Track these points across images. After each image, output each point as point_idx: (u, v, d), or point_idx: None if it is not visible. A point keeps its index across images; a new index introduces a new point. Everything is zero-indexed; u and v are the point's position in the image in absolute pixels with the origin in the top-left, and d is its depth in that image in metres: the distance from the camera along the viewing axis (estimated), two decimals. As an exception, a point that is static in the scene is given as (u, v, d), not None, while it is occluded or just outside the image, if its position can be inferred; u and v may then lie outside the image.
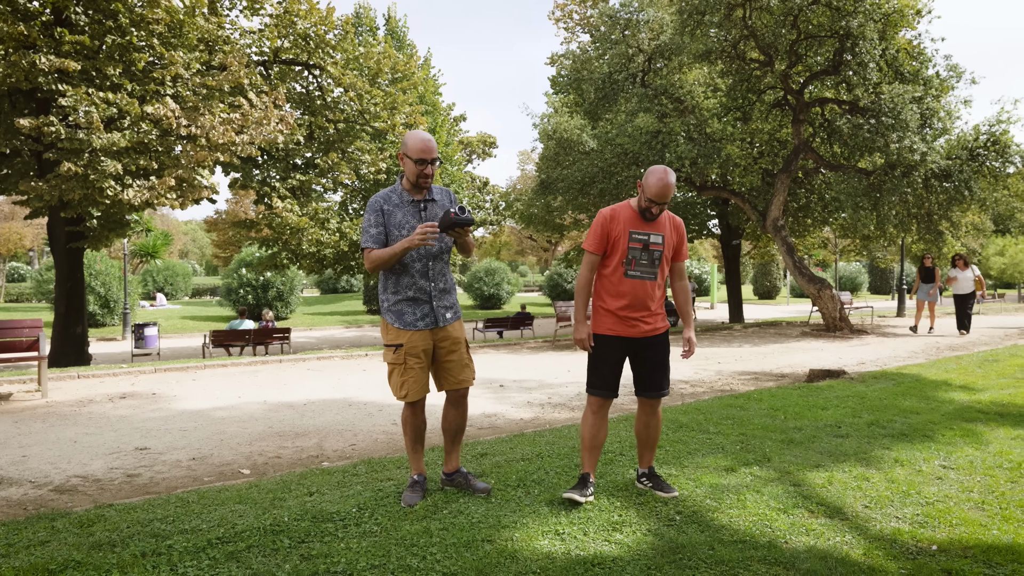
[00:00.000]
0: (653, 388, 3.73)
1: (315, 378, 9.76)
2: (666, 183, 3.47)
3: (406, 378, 3.56)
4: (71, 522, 3.48)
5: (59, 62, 10.28)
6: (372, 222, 3.55)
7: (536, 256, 66.44)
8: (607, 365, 3.67)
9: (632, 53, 17.63)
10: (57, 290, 13.28)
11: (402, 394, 3.59)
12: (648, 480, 3.83)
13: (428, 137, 3.55)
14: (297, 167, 16.74)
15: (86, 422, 6.70)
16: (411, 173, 3.55)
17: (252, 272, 25.22)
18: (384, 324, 3.66)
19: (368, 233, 3.54)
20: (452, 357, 3.69)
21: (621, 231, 3.62)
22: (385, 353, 3.67)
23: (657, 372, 3.73)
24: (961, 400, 6.39)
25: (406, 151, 3.55)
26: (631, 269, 3.62)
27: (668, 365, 3.78)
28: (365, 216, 3.59)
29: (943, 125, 14.46)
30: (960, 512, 3.44)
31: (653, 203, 3.53)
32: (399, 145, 19.66)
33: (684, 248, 3.77)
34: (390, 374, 3.65)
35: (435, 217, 3.60)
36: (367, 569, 2.81)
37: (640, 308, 3.65)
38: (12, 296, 42.23)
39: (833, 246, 35.83)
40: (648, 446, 3.86)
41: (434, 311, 3.61)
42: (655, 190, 3.49)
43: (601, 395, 3.71)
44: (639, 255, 3.62)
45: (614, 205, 3.73)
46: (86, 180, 10.71)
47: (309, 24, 14.69)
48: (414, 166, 3.52)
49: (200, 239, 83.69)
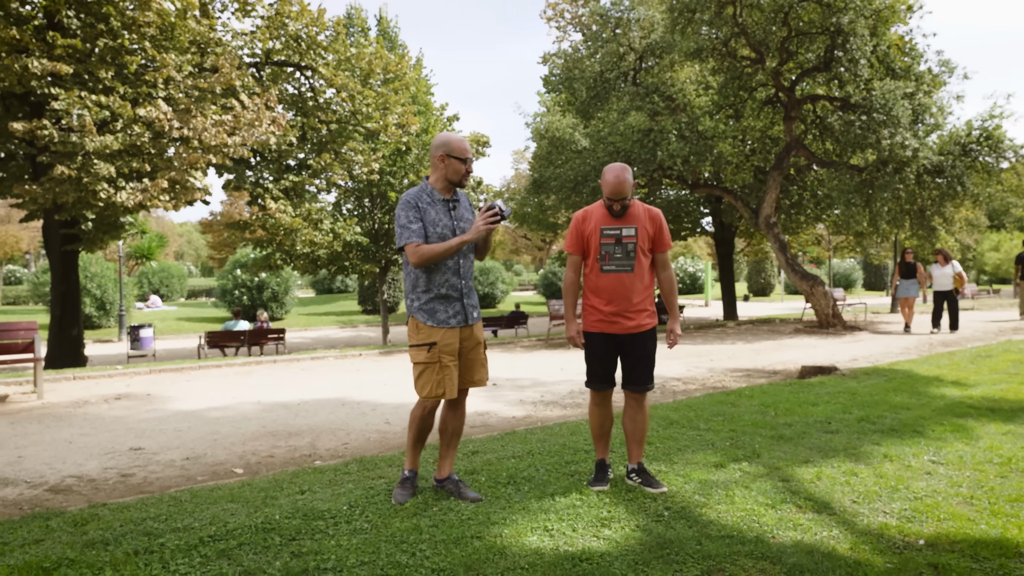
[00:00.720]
0: (636, 383, 3.82)
1: (309, 378, 9.77)
2: (619, 180, 3.61)
3: (442, 376, 3.55)
4: (65, 521, 3.49)
5: (52, 66, 10.26)
6: (412, 217, 3.54)
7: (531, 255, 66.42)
8: (596, 360, 3.83)
9: (623, 51, 17.66)
10: (53, 292, 13.26)
11: (438, 392, 3.55)
12: (637, 476, 3.88)
13: (463, 138, 3.71)
14: (290, 168, 16.73)
15: (81, 423, 6.70)
16: (455, 173, 3.61)
17: (247, 273, 25.19)
18: (414, 324, 3.62)
19: (409, 229, 3.52)
20: (472, 356, 3.72)
21: (593, 229, 3.77)
22: (415, 353, 3.60)
23: (639, 367, 3.80)
24: (952, 396, 6.44)
25: (449, 151, 3.59)
26: (606, 264, 3.75)
27: (652, 360, 3.84)
28: (401, 213, 3.55)
29: (935, 121, 14.52)
30: (948, 507, 3.47)
31: (612, 200, 3.68)
32: (391, 145, 19.71)
33: (664, 238, 3.80)
34: (420, 374, 3.59)
35: (463, 219, 3.69)
36: (357, 566, 2.83)
37: (621, 303, 3.73)
38: (9, 299, 42.12)
39: (827, 243, 35.95)
40: (636, 441, 3.92)
41: (464, 309, 3.66)
42: (610, 188, 3.65)
43: (596, 388, 3.89)
44: (612, 249, 3.74)
45: (587, 206, 3.88)
46: (79, 183, 10.71)
47: (301, 25, 14.68)
48: (460, 165, 3.61)
49: (195, 241, 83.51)
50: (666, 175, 18.15)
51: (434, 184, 3.66)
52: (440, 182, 3.65)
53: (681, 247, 63.87)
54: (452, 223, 3.63)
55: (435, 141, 3.65)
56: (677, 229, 24.68)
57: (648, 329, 3.81)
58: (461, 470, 4.22)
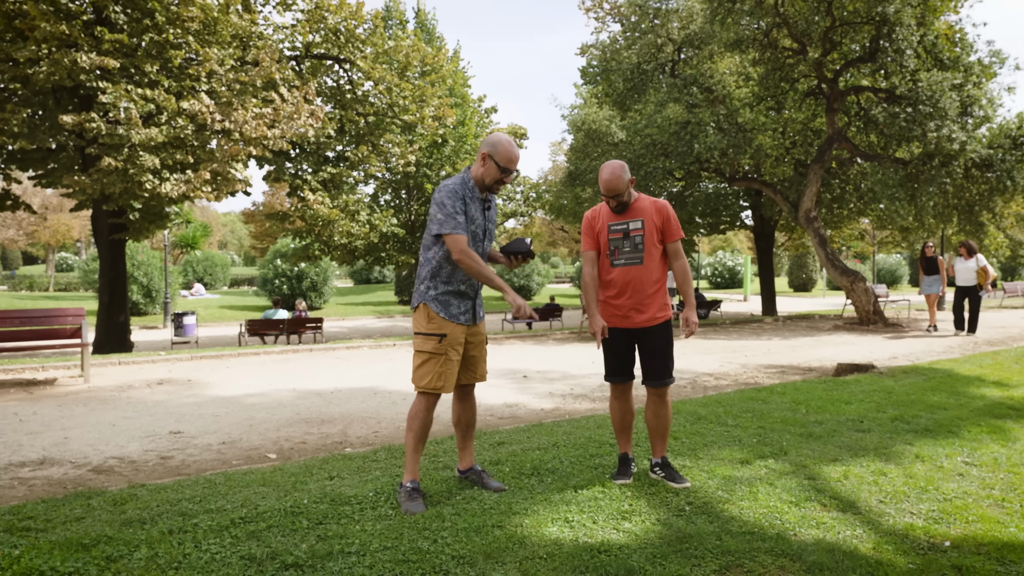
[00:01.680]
0: (654, 377, 3.85)
1: (343, 367, 9.95)
2: (613, 176, 3.71)
3: (444, 369, 3.54)
4: (105, 500, 3.65)
5: (99, 60, 10.60)
6: (459, 208, 3.48)
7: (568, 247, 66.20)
8: (613, 354, 3.90)
9: (661, 43, 17.46)
10: (101, 280, 13.72)
11: (438, 385, 3.53)
12: (661, 470, 3.89)
13: (516, 146, 3.62)
14: (328, 160, 16.98)
15: (125, 406, 6.96)
16: (491, 177, 3.59)
17: (287, 263, 25.69)
18: (426, 312, 3.56)
19: (455, 219, 3.46)
20: (475, 352, 3.75)
21: (601, 226, 3.86)
22: (422, 341, 3.55)
23: (656, 361, 3.82)
24: (992, 396, 6.27)
25: (493, 155, 3.55)
26: (615, 259, 3.83)
27: (669, 354, 3.85)
28: (447, 200, 3.48)
29: (985, 113, 14.05)
30: (978, 509, 3.40)
31: (607, 196, 3.78)
32: (428, 138, 19.84)
33: (672, 228, 3.82)
34: (422, 363, 3.54)
35: (492, 220, 3.75)
36: (380, 550, 2.91)
37: (633, 296, 3.79)
38: (61, 285, 43.67)
39: (871, 237, 35.08)
40: (659, 435, 3.93)
41: (474, 307, 3.69)
42: (604, 184, 3.76)
43: (614, 381, 3.93)
44: (620, 244, 3.81)
45: (596, 205, 3.97)
46: (126, 174, 11.05)
47: (340, 19, 14.87)
48: (498, 172, 3.57)
49: (238, 230, 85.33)
50: (703, 168, 17.93)
51: (475, 178, 3.62)
52: (479, 180, 3.62)
53: (721, 241, 63.02)
54: (485, 223, 3.66)
55: (489, 137, 3.62)
56: (716, 222, 24.36)
57: (661, 322, 3.83)
58: (486, 460, 4.28)
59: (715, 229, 24.87)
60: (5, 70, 10.90)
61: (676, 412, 5.73)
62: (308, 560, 2.82)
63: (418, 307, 3.61)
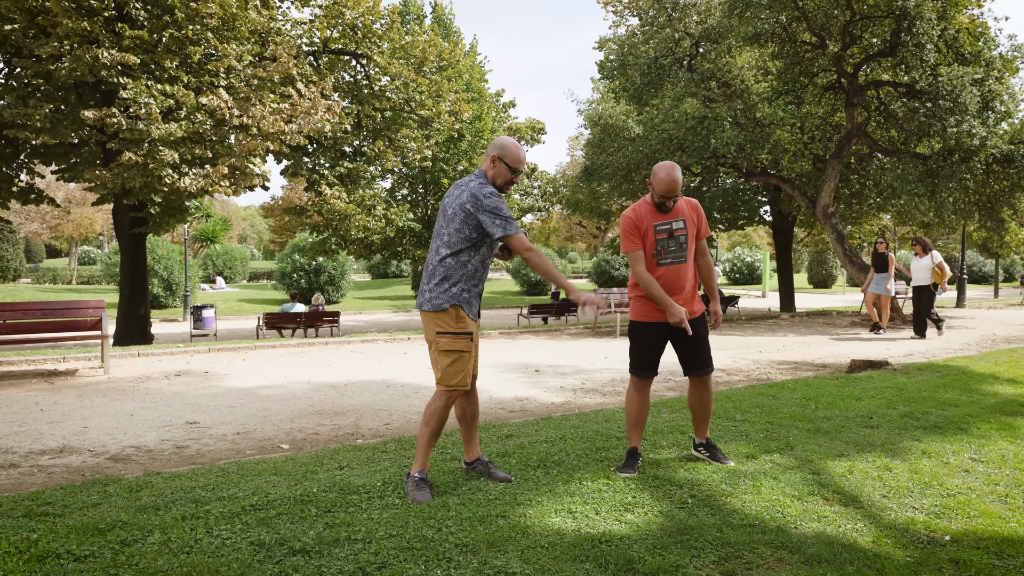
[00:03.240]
0: (700, 367, 3.99)
1: (358, 360, 10.07)
2: (673, 178, 3.79)
3: (469, 366, 3.63)
4: (122, 487, 3.76)
5: (120, 56, 10.78)
6: (509, 211, 3.61)
7: (585, 242, 66.14)
8: (650, 348, 3.98)
9: (679, 37, 17.37)
10: (122, 273, 13.97)
11: (466, 381, 3.62)
12: (705, 450, 4.14)
13: (522, 148, 3.74)
14: (345, 155, 17.12)
15: (143, 397, 7.11)
16: (502, 179, 3.67)
17: (305, 257, 25.93)
18: (456, 312, 3.58)
19: (514, 221, 3.57)
20: (477, 347, 3.84)
21: (647, 227, 3.91)
22: (453, 341, 3.58)
23: (701, 351, 3.97)
24: (1005, 393, 6.23)
25: (503, 156, 3.63)
26: (662, 258, 3.91)
27: (708, 345, 4.02)
28: (500, 204, 3.56)
29: (1006, 108, 13.85)
30: (981, 504, 3.41)
31: (665, 197, 3.82)
32: (444, 132, 19.91)
33: (704, 226, 4.02)
34: (454, 362, 3.57)
35: None
36: (385, 538, 2.98)
37: (675, 293, 3.92)
38: (84, 278, 44.38)
39: (892, 233, 34.68)
40: (703, 419, 4.13)
41: (479, 306, 3.79)
42: (664, 186, 3.79)
43: (644, 375, 4.02)
44: (667, 244, 3.90)
45: (632, 205, 4.02)
46: (146, 169, 11.24)
47: (357, 14, 14.97)
48: (508, 173, 3.67)
49: (258, 224, 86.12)
50: (720, 163, 17.83)
51: (489, 180, 3.67)
52: (491, 181, 3.68)
53: (740, 236, 62.54)
54: None
55: (496, 140, 3.70)
56: (734, 218, 24.20)
57: (700, 314, 4.03)
58: (493, 452, 4.34)
59: (733, 225, 24.70)
60: (28, 66, 11.12)
61: (684, 407, 5.75)
62: (315, 546, 2.89)
63: (448, 308, 3.58)
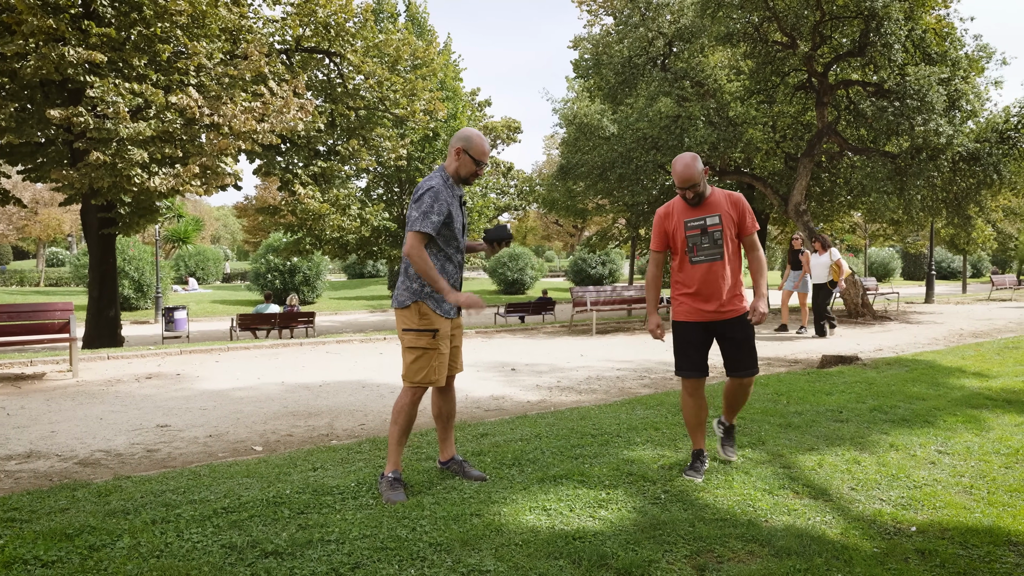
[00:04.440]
0: (739, 368, 3.86)
1: (333, 361, 9.99)
2: (687, 168, 3.67)
3: (438, 363, 3.61)
4: (90, 492, 3.70)
5: (87, 54, 10.57)
6: (439, 209, 3.50)
7: (563, 241, 66.30)
8: (692, 348, 3.86)
9: (652, 36, 17.50)
10: (91, 275, 13.71)
11: (433, 378, 3.59)
12: (723, 432, 4.14)
13: (487, 140, 3.71)
14: (319, 154, 16.98)
15: (113, 401, 6.99)
16: (466, 170, 3.66)
17: (279, 257, 25.67)
18: (420, 309, 3.59)
19: (431, 219, 3.48)
20: (456, 343, 3.83)
21: (676, 223, 3.83)
22: (416, 338, 3.59)
23: (742, 353, 3.83)
24: (971, 387, 6.36)
25: (467, 148, 3.61)
26: (694, 255, 3.81)
27: (752, 345, 3.85)
28: (429, 199, 3.50)
29: (972, 107, 14.14)
30: (946, 495, 3.48)
31: (682, 188, 3.73)
32: (419, 131, 19.83)
33: (748, 221, 3.82)
34: (417, 359, 3.58)
35: (465, 215, 3.78)
36: (359, 538, 2.97)
37: (712, 291, 3.80)
38: (52, 280, 43.50)
39: (863, 231, 35.26)
40: (734, 409, 4.08)
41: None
42: (679, 178, 3.71)
43: (690, 375, 3.88)
44: (699, 240, 3.79)
45: (668, 202, 3.95)
46: (114, 168, 11.04)
47: (330, 12, 14.85)
48: (473, 165, 3.64)
49: (231, 224, 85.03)
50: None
51: (451, 174, 3.68)
52: (454, 174, 3.68)
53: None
54: (462, 218, 3.71)
55: (458, 133, 3.68)
56: (707, 216, 24.43)
57: (742, 313, 3.84)
58: (469, 451, 4.34)
59: (707, 223, 24.95)
60: (-8, 64, 10.86)
61: (659, 403, 5.81)
62: (288, 548, 2.87)
63: (410, 305, 3.61)
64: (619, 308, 15.66)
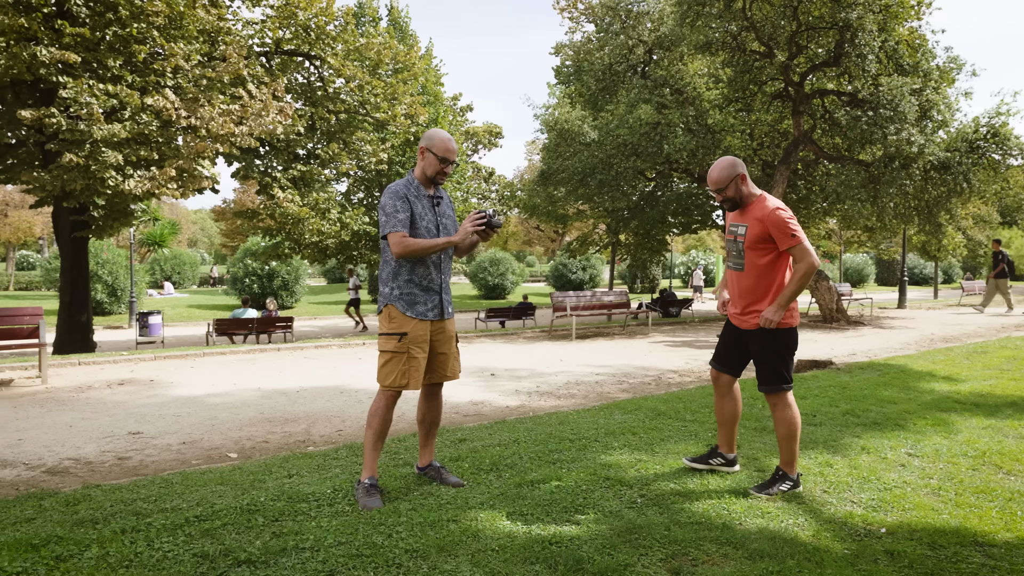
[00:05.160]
0: (759, 381, 3.75)
1: (311, 366, 9.92)
2: (712, 169, 3.75)
3: (409, 367, 3.56)
4: (58, 501, 3.63)
5: (60, 54, 10.41)
6: (399, 207, 3.52)
7: (544, 246, 66.37)
8: (722, 340, 3.93)
9: (633, 44, 17.64)
10: (62, 279, 13.47)
11: (402, 382, 3.55)
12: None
13: (452, 138, 3.69)
14: (299, 157, 16.86)
15: (83, 407, 6.87)
16: (432, 169, 3.65)
17: (257, 261, 25.43)
18: (389, 312, 3.59)
19: (396, 218, 3.50)
20: (444, 349, 3.76)
21: (727, 224, 3.92)
22: (385, 341, 3.59)
23: (758, 365, 3.74)
24: (941, 390, 6.47)
25: (431, 147, 3.62)
26: (727, 260, 3.90)
27: (767, 359, 3.67)
28: (387, 202, 3.54)
29: (943, 117, 14.42)
30: (915, 497, 3.54)
31: (713, 193, 3.79)
32: (400, 136, 19.79)
33: (780, 237, 3.57)
34: (386, 362, 3.57)
35: (446, 215, 3.75)
36: (334, 545, 2.94)
37: (735, 297, 3.84)
38: (22, 284, 42.66)
39: (838, 237, 35.75)
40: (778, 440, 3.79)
41: (442, 303, 3.70)
42: (709, 181, 3.77)
43: (712, 365, 3.97)
44: (731, 246, 3.85)
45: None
46: (87, 170, 10.87)
47: (310, 15, 14.77)
48: (437, 163, 3.63)
49: (209, 228, 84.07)
50: (673, 168, 18.13)
51: (418, 177, 3.69)
52: (421, 175, 3.69)
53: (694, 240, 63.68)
54: (436, 219, 3.68)
55: (424, 133, 3.71)
56: (688, 222, 24.62)
57: (755, 329, 3.70)
58: (446, 457, 4.32)
59: (687, 228, 25.12)
60: (-38, 64, 10.65)
61: (637, 408, 5.83)
62: (261, 556, 2.84)
63: (382, 309, 3.63)
64: (599, 313, 15.73)
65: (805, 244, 3.55)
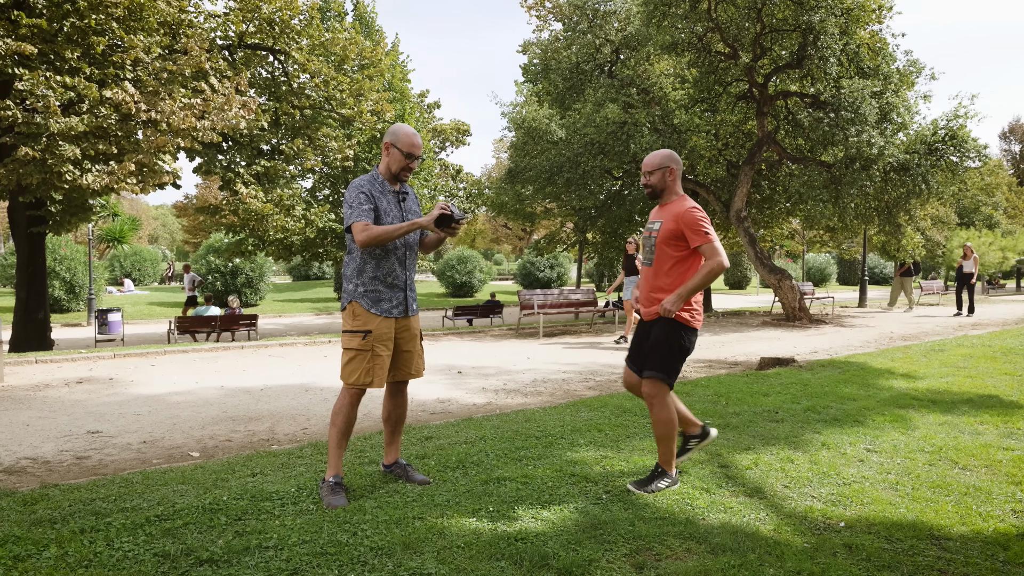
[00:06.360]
0: (644, 365, 3.73)
1: (275, 364, 9.79)
2: (650, 155, 3.81)
3: (373, 364, 3.53)
4: (15, 501, 3.54)
5: (16, 45, 10.10)
6: (362, 199, 3.51)
7: (511, 244, 66.45)
8: (634, 339, 3.94)
9: (600, 43, 17.74)
10: (18, 275, 13.10)
11: (366, 380, 3.53)
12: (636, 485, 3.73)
13: (417, 134, 3.67)
14: (263, 153, 16.61)
15: (40, 406, 6.69)
16: (396, 165, 3.62)
17: (220, 258, 24.99)
18: (353, 309, 3.57)
19: (360, 209, 3.48)
20: (409, 347, 3.74)
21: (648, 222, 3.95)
22: (349, 339, 3.57)
23: (649, 352, 3.70)
24: (899, 388, 6.65)
25: (395, 142, 3.60)
26: (641, 255, 3.95)
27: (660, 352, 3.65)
28: (351, 196, 3.53)
29: (902, 120, 14.78)
30: (874, 492, 3.63)
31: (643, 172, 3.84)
32: (367, 132, 19.63)
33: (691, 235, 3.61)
34: (349, 360, 3.55)
35: (411, 211, 3.73)
36: (298, 544, 2.92)
37: (644, 292, 3.84)
38: (-26, 281, 41.29)
39: (801, 237, 36.46)
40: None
41: (406, 299, 3.68)
42: (644, 161, 3.82)
43: (627, 363, 3.96)
44: (646, 242, 3.88)
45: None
46: (44, 164, 10.57)
47: (274, 8, 14.55)
48: (402, 159, 3.60)
49: (170, 224, 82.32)
50: (640, 168, 18.30)
51: (383, 173, 3.68)
52: (386, 171, 3.67)
53: (659, 239, 64.42)
54: (401, 214, 3.66)
55: (389, 129, 3.69)
56: (652, 221, 24.90)
57: (654, 319, 3.74)
58: (413, 455, 4.31)
59: (653, 228, 25.41)
60: (-90, 52, 10.27)
61: (603, 405, 5.88)
62: (224, 555, 2.80)
63: (346, 306, 3.61)
64: (566, 311, 15.80)
65: (715, 244, 3.61)
